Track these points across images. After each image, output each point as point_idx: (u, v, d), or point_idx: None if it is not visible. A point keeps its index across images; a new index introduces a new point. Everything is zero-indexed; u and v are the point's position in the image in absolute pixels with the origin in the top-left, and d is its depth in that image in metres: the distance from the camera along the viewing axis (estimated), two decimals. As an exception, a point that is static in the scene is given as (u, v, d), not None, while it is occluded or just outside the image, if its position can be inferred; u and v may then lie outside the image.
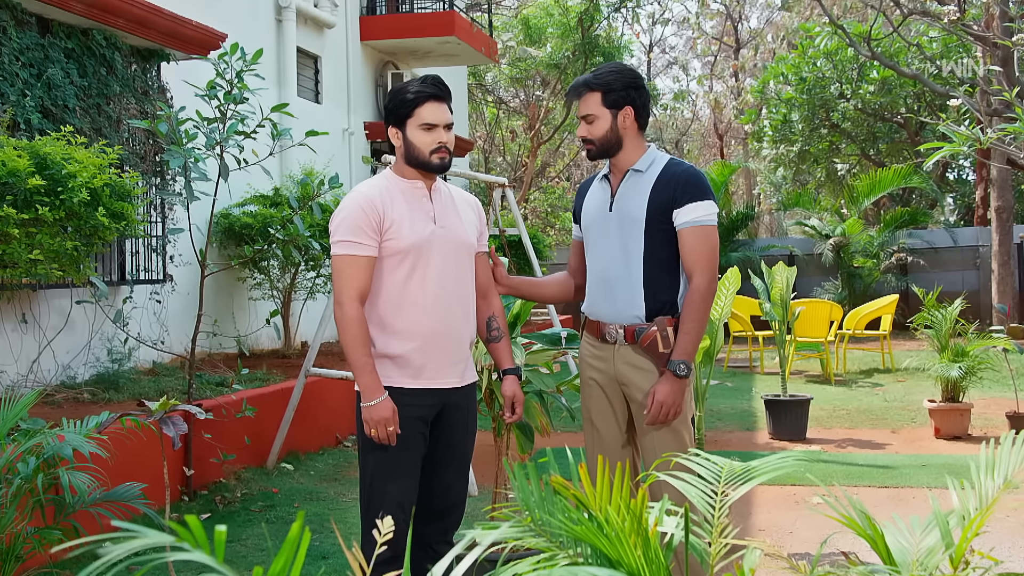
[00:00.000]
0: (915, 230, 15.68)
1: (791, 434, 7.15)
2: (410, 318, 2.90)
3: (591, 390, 3.21)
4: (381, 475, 2.90)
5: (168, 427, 3.15)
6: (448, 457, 3.04)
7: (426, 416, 2.96)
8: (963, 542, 1.77)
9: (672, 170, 3.07)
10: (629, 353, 3.09)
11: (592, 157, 3.17)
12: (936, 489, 5.46)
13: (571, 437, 7.15)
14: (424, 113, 2.92)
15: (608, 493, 1.72)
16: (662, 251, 3.04)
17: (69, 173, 4.35)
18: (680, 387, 2.99)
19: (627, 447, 3.19)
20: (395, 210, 2.90)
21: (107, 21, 6.50)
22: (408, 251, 2.88)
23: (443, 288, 2.93)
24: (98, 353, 6.86)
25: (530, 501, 1.77)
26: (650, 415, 3.00)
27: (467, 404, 3.07)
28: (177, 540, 1.16)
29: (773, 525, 4.87)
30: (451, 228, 2.99)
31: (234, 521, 5.03)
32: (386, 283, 2.90)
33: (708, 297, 3.01)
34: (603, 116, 3.07)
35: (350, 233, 2.86)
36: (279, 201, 8.51)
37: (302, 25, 10.73)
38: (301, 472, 6.10)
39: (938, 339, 7.21)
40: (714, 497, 1.93)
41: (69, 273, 4.80)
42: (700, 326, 3.01)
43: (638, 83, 3.11)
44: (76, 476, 3.13)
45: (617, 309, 3.10)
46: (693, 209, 3.00)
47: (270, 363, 7.99)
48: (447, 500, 3.06)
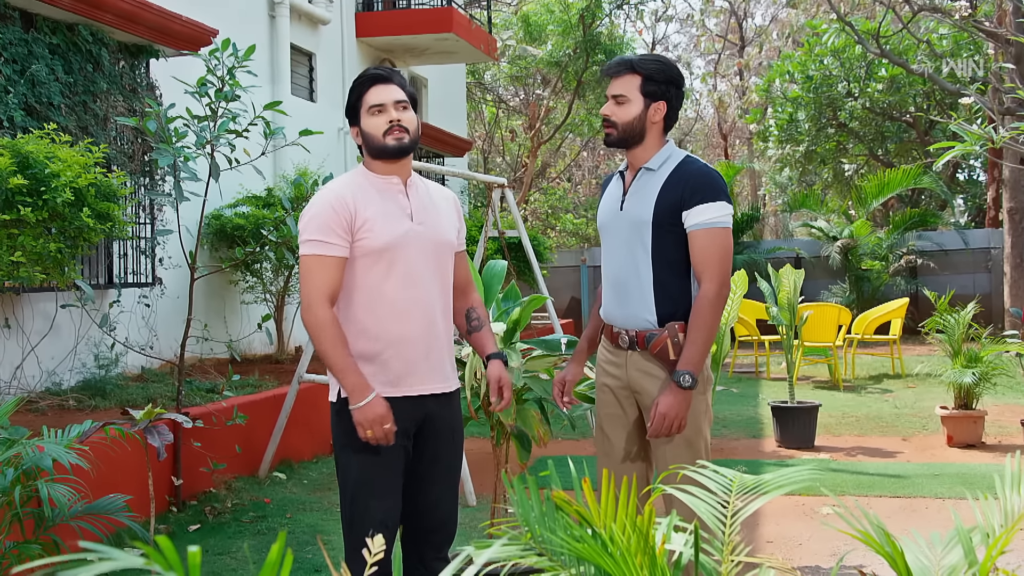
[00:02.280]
0: (925, 232, 15.63)
1: (799, 442, 7.08)
2: (387, 321, 2.80)
3: (604, 396, 3.14)
4: (364, 492, 2.80)
5: (153, 437, 3.09)
6: (434, 471, 2.93)
7: (408, 428, 2.85)
8: (988, 561, 1.71)
9: (683, 169, 2.98)
10: (641, 360, 3.02)
11: (609, 143, 3.07)
12: (950, 500, 5.39)
13: (572, 446, 7.08)
14: (370, 97, 2.84)
15: (613, 508, 1.66)
16: (673, 254, 2.96)
17: (52, 172, 4.29)
18: (684, 399, 2.90)
19: (639, 459, 3.11)
20: (369, 207, 2.79)
21: (94, 16, 6.44)
22: (383, 250, 2.78)
23: (421, 289, 2.83)
24: (84, 359, 6.80)
25: (530, 516, 1.71)
26: (652, 427, 2.93)
27: (451, 414, 2.96)
28: (147, 563, 1.10)
29: (781, 537, 4.81)
30: (429, 226, 2.88)
31: (224, 532, 4.97)
32: (361, 285, 2.80)
33: (717, 303, 2.93)
34: (636, 102, 2.98)
35: (319, 232, 2.75)
36: (272, 202, 8.46)
37: (296, 21, 10.68)
38: (294, 481, 6.04)
39: (951, 344, 7.15)
40: (724, 513, 1.87)
41: (53, 276, 4.74)
42: (708, 334, 2.92)
43: (679, 82, 3.04)
44: (56, 488, 3.06)
45: (628, 314, 3.03)
46: (704, 211, 2.92)
47: (263, 369, 7.92)
48: (436, 516, 2.95)
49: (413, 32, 12.46)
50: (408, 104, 2.86)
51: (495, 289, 3.93)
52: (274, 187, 8.96)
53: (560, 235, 21.73)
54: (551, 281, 14.66)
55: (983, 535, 1.79)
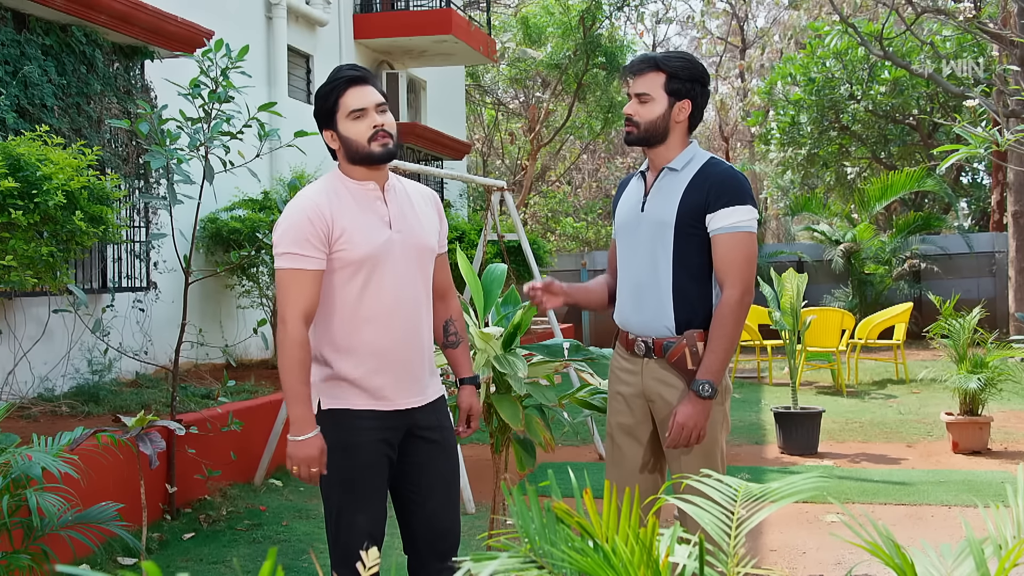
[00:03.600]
0: (928, 236, 15.60)
1: (802, 448, 7.05)
2: (366, 335, 2.70)
3: (617, 405, 3.06)
4: (349, 506, 2.74)
5: (145, 444, 3.05)
6: (425, 483, 2.84)
7: (390, 438, 2.77)
8: (1001, 573, 1.68)
9: (708, 171, 2.91)
10: (658, 368, 2.95)
11: (629, 141, 3.01)
12: (957, 507, 5.36)
13: (573, 452, 7.05)
14: (348, 101, 2.71)
15: (615, 520, 1.62)
16: (695, 258, 2.90)
17: (44, 175, 4.26)
18: (703, 408, 2.84)
19: (651, 470, 3.04)
20: (345, 216, 2.67)
21: (87, 17, 6.41)
22: (362, 262, 2.67)
23: (401, 300, 2.73)
24: (77, 364, 6.76)
25: (530, 529, 1.67)
26: (670, 438, 2.87)
27: (438, 422, 2.85)
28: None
29: (785, 545, 4.77)
30: (409, 232, 2.76)
31: (219, 541, 4.93)
32: (339, 298, 2.70)
33: (740, 311, 2.86)
34: (660, 100, 2.92)
35: (295, 245, 2.63)
36: (269, 205, 8.43)
37: (293, 23, 10.65)
38: (290, 488, 6.00)
39: (956, 349, 7.12)
40: (730, 524, 1.83)
41: (45, 280, 4.70)
42: (729, 342, 2.85)
43: (705, 80, 2.98)
44: (45, 497, 3.02)
45: (645, 320, 2.96)
46: (729, 214, 2.86)
47: (259, 374, 7.89)
48: (434, 529, 2.86)
49: (411, 34, 12.44)
50: (386, 106, 2.77)
51: (495, 293, 3.89)
52: (271, 190, 8.93)
53: (560, 239, 21.70)
54: (551, 285, 14.59)
55: (995, 546, 1.75)
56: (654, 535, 1.60)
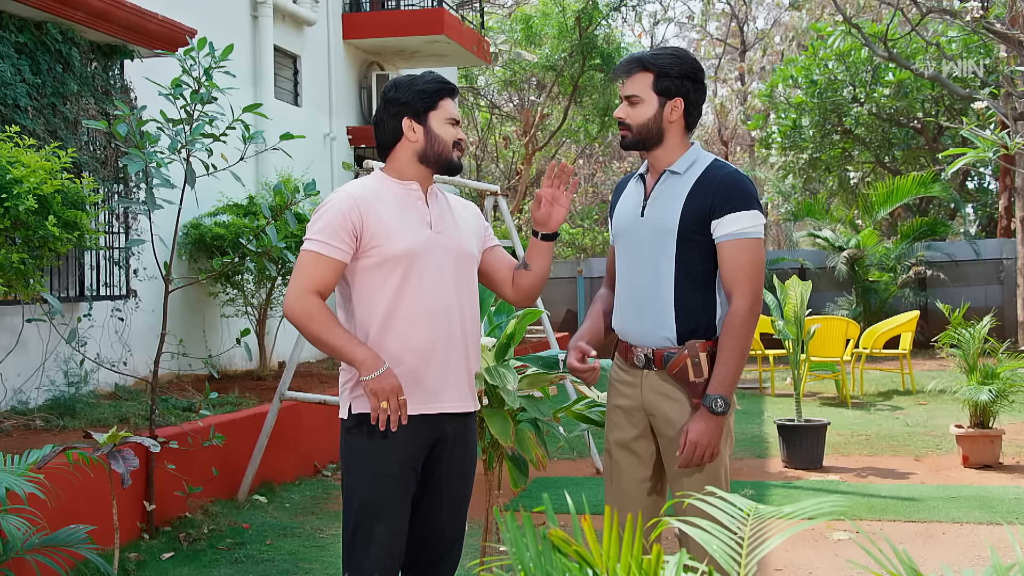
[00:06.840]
0: (934, 242, 15.55)
1: (806, 462, 6.96)
2: (402, 334, 2.74)
3: (616, 419, 2.98)
4: (368, 516, 2.74)
5: (117, 462, 2.96)
6: (442, 496, 2.87)
7: (419, 451, 2.79)
8: (1031, 603, 1.59)
9: (712, 174, 2.84)
10: (658, 380, 2.87)
11: (625, 146, 2.95)
12: (969, 524, 5.27)
13: (570, 466, 6.96)
14: (449, 106, 2.85)
15: (616, 548, 1.54)
16: (698, 266, 2.83)
17: (15, 178, 4.17)
18: (717, 425, 2.76)
19: (652, 488, 2.95)
20: (384, 213, 2.75)
21: (63, 14, 6.32)
22: (400, 258, 2.73)
23: (439, 301, 2.77)
24: (53, 376, 6.65)
25: (524, 557, 1.59)
26: (683, 457, 2.78)
27: (466, 437, 2.92)
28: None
29: (791, 564, 4.69)
30: (448, 235, 2.85)
31: (199, 560, 4.84)
32: (376, 295, 2.75)
33: (750, 321, 2.79)
34: (649, 101, 2.86)
35: (322, 234, 2.72)
36: (254, 210, 8.34)
37: (280, 22, 10.57)
38: (275, 505, 5.91)
39: (966, 359, 7.04)
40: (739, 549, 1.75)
41: (17, 289, 4.61)
42: (740, 355, 2.78)
43: (697, 76, 2.90)
44: (9, 519, 2.92)
45: (645, 330, 2.88)
46: (735, 220, 2.78)
47: (243, 385, 7.79)
48: (442, 543, 2.90)
49: (402, 34, 12.36)
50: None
51: (487, 302, 3.82)
52: (256, 195, 8.83)
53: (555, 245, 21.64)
54: (546, 293, 14.55)
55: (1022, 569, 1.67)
56: (659, 564, 1.52)
